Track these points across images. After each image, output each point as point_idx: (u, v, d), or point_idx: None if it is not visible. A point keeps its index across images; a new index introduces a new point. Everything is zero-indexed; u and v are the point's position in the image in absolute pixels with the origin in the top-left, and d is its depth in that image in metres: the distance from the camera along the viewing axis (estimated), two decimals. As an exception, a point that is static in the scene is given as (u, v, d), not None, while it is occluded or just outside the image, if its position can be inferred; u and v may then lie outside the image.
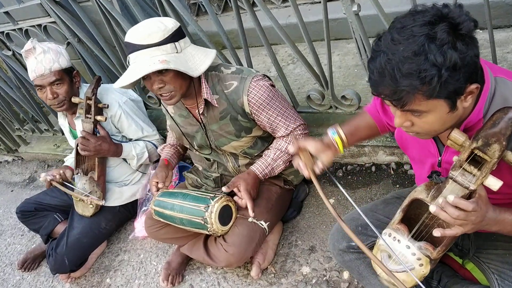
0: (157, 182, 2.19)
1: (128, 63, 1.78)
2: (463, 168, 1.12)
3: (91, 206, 2.52)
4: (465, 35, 1.00)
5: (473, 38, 1.02)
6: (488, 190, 1.12)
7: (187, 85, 1.86)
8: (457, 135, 1.11)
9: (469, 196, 1.13)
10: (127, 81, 1.74)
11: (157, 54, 1.71)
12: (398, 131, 1.46)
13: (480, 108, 1.14)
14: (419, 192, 1.29)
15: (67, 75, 2.37)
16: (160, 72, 1.74)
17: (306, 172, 1.45)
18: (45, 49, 2.28)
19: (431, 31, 0.98)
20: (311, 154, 1.48)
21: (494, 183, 1.09)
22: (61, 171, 2.57)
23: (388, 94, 1.05)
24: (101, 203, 2.50)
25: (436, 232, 1.15)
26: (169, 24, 1.75)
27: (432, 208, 1.13)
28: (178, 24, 1.80)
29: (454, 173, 1.13)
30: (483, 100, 1.13)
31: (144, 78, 1.77)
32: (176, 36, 1.76)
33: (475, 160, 1.11)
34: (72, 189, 2.53)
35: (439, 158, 1.31)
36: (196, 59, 1.82)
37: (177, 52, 1.76)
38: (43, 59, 2.27)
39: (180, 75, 1.79)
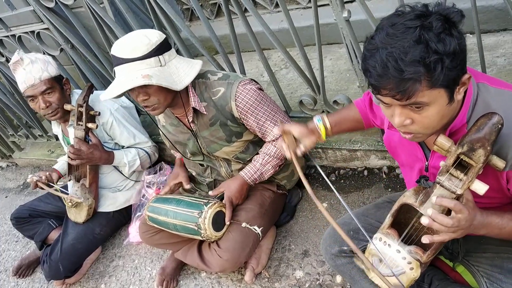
0: (179, 183, 2.29)
1: (114, 75, 1.80)
2: (449, 173, 1.14)
3: (70, 203, 2.51)
4: (456, 23, 1.03)
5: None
6: (474, 194, 1.14)
7: (172, 96, 1.88)
8: (443, 141, 1.12)
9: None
10: (111, 95, 1.77)
11: (140, 68, 1.73)
12: (387, 137, 1.48)
13: (464, 113, 1.16)
14: (408, 197, 1.31)
15: (57, 83, 2.37)
16: (145, 85, 1.75)
17: (288, 154, 1.51)
18: (32, 59, 2.29)
19: (425, 22, 1.00)
20: (295, 138, 1.54)
21: (480, 188, 1.11)
22: (48, 173, 2.59)
23: (392, 87, 1.03)
24: (79, 200, 2.47)
25: (425, 239, 1.16)
26: (153, 38, 1.76)
27: (425, 221, 1.12)
28: (163, 37, 1.82)
29: (441, 178, 1.15)
30: (466, 105, 1.15)
31: (130, 89, 1.79)
32: (160, 49, 1.77)
33: (461, 165, 1.12)
34: (53, 188, 2.55)
35: (426, 163, 1.33)
36: (180, 72, 1.83)
37: (161, 66, 1.77)
38: (32, 69, 2.27)
39: (164, 88, 1.80)
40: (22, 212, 2.84)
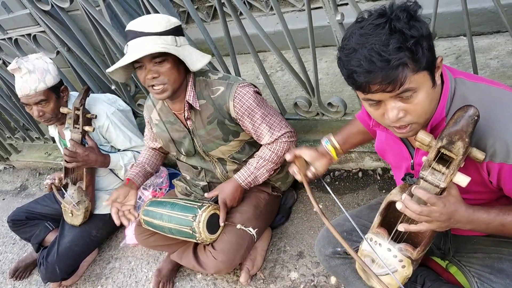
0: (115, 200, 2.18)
1: (126, 51, 1.81)
2: (432, 167, 1.16)
3: (71, 214, 2.52)
4: (416, 12, 1.07)
5: None
6: (462, 190, 1.16)
7: (180, 82, 1.90)
8: (423, 136, 1.15)
9: (440, 194, 1.17)
10: (123, 62, 1.75)
11: (157, 42, 1.76)
12: (378, 141, 1.50)
13: (442, 107, 1.19)
14: (394, 195, 1.33)
15: (54, 93, 2.35)
16: (158, 62, 1.77)
17: (299, 177, 1.57)
18: (30, 68, 2.26)
19: (391, 16, 1.05)
20: (306, 162, 1.58)
21: (462, 180, 1.13)
22: (62, 175, 2.59)
23: (381, 80, 1.04)
24: (78, 212, 2.48)
25: (401, 227, 1.21)
26: (172, 19, 1.83)
27: (398, 206, 1.18)
28: (180, 22, 1.87)
29: (424, 173, 1.17)
30: (444, 99, 1.19)
31: (139, 67, 1.80)
32: (177, 31, 1.83)
33: (443, 159, 1.15)
34: (61, 193, 2.55)
35: (411, 161, 1.35)
36: (193, 57, 1.87)
37: (176, 46, 1.81)
38: (28, 79, 2.25)
39: (176, 69, 1.83)
40: (19, 214, 2.85)
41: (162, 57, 1.77)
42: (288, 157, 1.58)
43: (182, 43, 1.85)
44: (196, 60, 1.87)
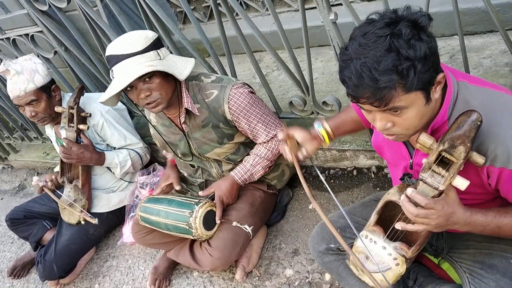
0: (170, 184, 2.32)
1: (112, 77, 1.81)
2: (432, 169, 1.17)
3: (79, 216, 2.54)
4: (425, 27, 1.06)
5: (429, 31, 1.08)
6: (459, 191, 1.17)
7: (172, 92, 1.91)
8: (425, 139, 1.16)
9: (439, 196, 1.18)
10: (115, 91, 1.76)
11: (142, 61, 1.76)
12: (375, 136, 1.52)
13: (444, 110, 1.19)
14: (392, 195, 1.35)
15: (44, 92, 2.37)
16: (147, 80, 1.78)
17: (289, 157, 1.55)
18: (18, 70, 2.27)
19: (395, 29, 1.03)
20: (297, 143, 1.57)
21: (462, 183, 1.14)
22: (53, 177, 2.60)
23: (369, 96, 1.06)
24: (94, 221, 2.50)
25: (398, 225, 1.23)
26: (149, 34, 1.82)
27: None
28: (157, 35, 1.87)
29: (424, 175, 1.18)
30: (447, 103, 1.19)
31: (129, 89, 1.81)
32: (157, 44, 1.83)
33: (443, 162, 1.16)
34: (57, 194, 2.56)
35: (410, 161, 1.36)
36: (178, 65, 1.88)
37: (160, 59, 1.81)
38: (17, 81, 2.27)
39: (166, 81, 1.84)
40: (17, 213, 2.87)
41: (150, 73, 1.78)
42: (280, 135, 1.57)
43: (165, 55, 1.85)
44: (182, 67, 1.88)
